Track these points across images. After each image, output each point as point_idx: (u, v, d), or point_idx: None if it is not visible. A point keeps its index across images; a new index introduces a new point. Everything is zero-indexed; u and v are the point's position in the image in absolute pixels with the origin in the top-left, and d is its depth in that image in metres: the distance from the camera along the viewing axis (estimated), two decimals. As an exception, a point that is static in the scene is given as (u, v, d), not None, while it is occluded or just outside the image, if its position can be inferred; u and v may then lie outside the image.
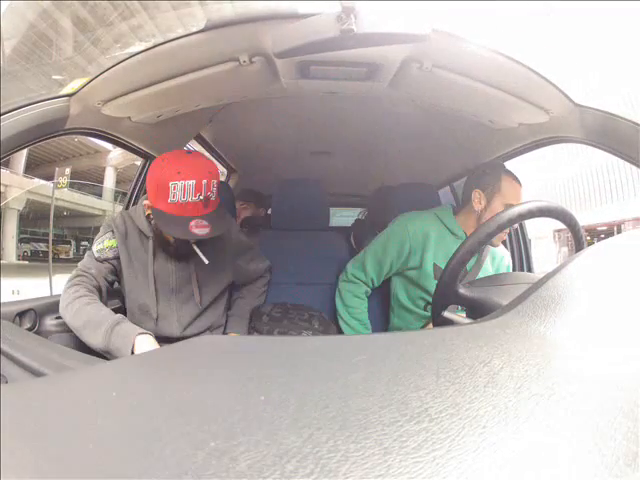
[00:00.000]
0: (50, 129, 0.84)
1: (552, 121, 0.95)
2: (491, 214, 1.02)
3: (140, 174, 1.35)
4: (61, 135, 0.88)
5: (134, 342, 0.76)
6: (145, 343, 0.77)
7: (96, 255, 0.93)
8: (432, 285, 1.04)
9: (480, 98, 0.95)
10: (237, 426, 0.15)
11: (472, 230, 1.05)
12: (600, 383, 0.19)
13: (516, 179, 1.06)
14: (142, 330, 0.79)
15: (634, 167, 0.79)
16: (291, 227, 1.38)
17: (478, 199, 1.06)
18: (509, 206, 0.99)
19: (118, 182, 18.01)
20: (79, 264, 0.93)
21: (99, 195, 17.63)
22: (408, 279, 1.12)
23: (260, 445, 0.14)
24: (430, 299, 1.06)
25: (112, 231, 0.94)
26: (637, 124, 0.76)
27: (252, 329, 1.07)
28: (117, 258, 0.94)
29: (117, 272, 0.95)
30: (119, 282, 0.98)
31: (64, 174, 8.82)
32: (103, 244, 0.93)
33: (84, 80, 0.87)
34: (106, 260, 0.93)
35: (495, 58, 0.81)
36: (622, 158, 0.80)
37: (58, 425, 0.16)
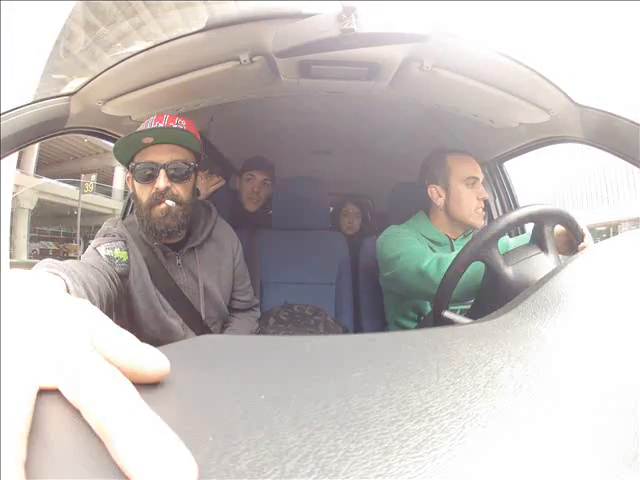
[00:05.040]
0: (50, 128, 0.83)
1: (552, 121, 0.95)
2: (457, 200, 0.99)
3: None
4: (61, 134, 0.88)
5: None
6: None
7: (104, 256, 0.73)
8: (417, 285, 0.88)
9: (480, 98, 0.95)
10: (237, 426, 0.15)
11: (446, 228, 1.03)
12: (600, 383, 0.19)
13: (460, 152, 1.03)
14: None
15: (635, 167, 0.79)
16: (291, 226, 1.38)
17: (437, 194, 1.02)
18: (470, 179, 0.99)
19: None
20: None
21: (108, 194, 17.56)
22: (394, 294, 1.07)
23: (260, 444, 0.14)
24: (422, 306, 1.03)
25: (124, 241, 0.77)
26: (637, 124, 0.76)
27: (258, 332, 1.06)
28: (126, 276, 0.76)
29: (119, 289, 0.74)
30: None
31: (90, 180, 8.94)
32: (114, 252, 0.74)
33: (84, 79, 0.88)
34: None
35: (495, 58, 0.81)
36: (622, 158, 0.80)
37: (58, 425, 0.16)
